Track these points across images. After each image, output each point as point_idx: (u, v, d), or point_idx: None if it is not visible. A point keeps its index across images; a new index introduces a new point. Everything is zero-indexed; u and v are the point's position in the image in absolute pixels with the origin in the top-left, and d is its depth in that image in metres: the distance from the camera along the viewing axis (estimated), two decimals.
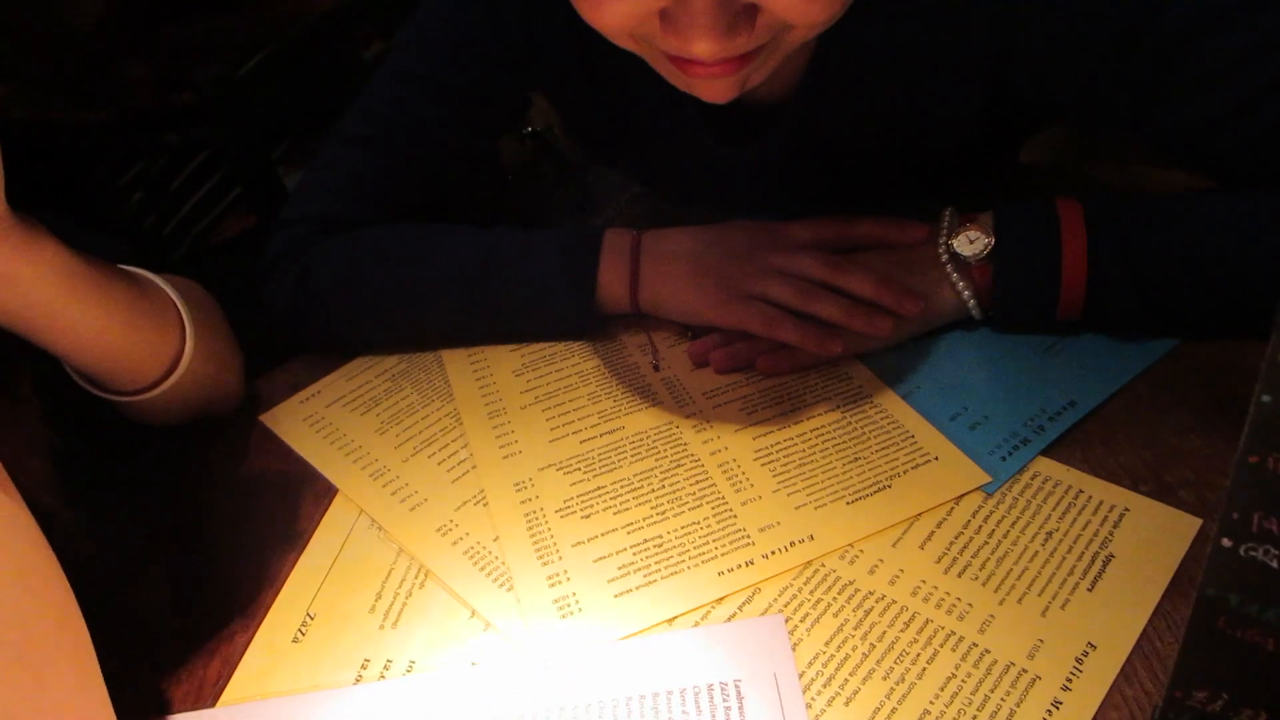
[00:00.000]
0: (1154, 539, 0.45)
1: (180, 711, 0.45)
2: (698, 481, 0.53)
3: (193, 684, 0.46)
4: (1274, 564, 0.25)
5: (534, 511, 0.53)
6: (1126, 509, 0.47)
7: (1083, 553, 0.45)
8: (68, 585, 0.38)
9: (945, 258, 0.57)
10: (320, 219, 0.66)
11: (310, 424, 0.62)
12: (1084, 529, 0.46)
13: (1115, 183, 0.71)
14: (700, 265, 0.61)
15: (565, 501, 0.53)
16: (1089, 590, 0.43)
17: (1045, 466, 0.50)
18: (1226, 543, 0.26)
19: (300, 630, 0.48)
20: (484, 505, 0.53)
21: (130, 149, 1.18)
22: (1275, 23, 0.48)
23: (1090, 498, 0.48)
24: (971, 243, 0.56)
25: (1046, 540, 0.46)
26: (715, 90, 0.49)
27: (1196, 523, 0.45)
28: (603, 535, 0.50)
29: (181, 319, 0.54)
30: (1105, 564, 0.44)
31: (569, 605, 0.46)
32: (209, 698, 0.45)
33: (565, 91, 0.70)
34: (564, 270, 0.62)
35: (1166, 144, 0.55)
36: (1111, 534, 0.46)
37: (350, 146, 0.67)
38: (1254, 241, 0.51)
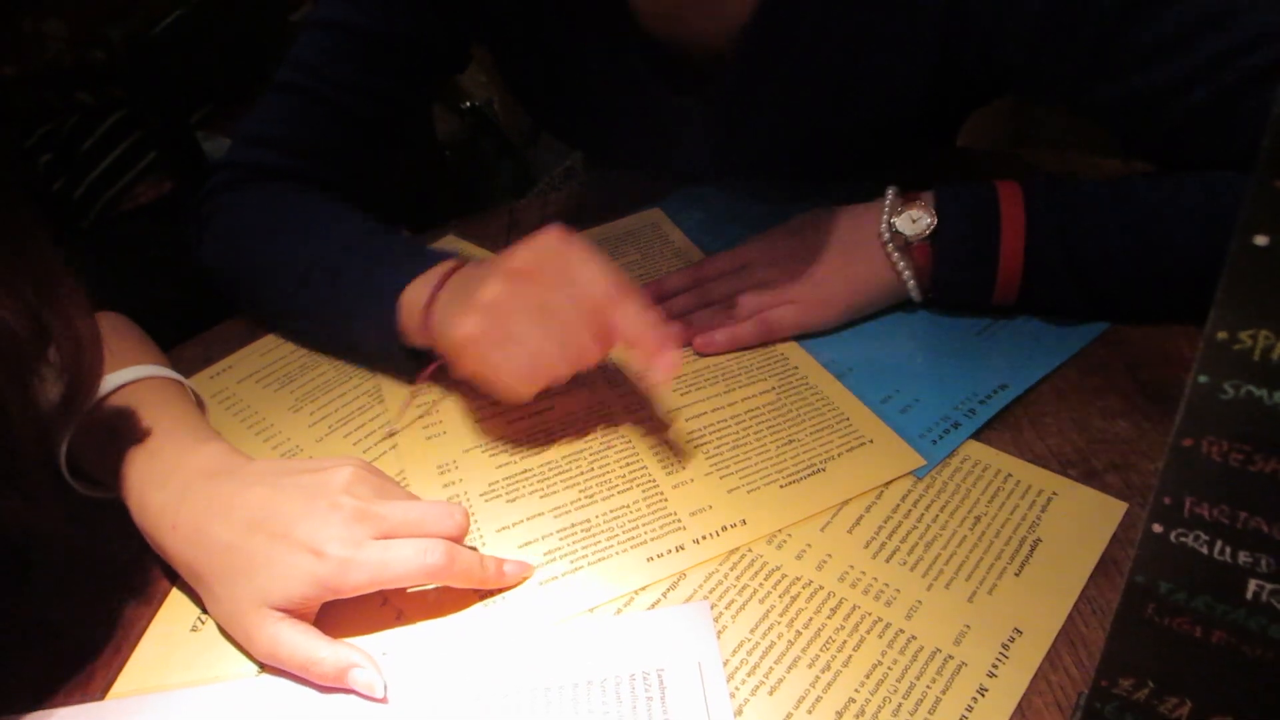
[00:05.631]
0: (1081, 523, 0.45)
1: (67, 704, 0.42)
2: (628, 464, 0.51)
3: (81, 675, 0.43)
4: (1204, 550, 0.24)
5: (457, 494, 0.50)
6: (1054, 493, 0.47)
7: (1010, 537, 0.45)
8: None
9: (887, 236, 0.56)
10: (241, 166, 0.64)
11: (219, 400, 0.59)
12: (1012, 513, 0.46)
13: (1051, 168, 0.71)
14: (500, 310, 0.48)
15: (490, 485, 0.51)
16: (1016, 575, 0.43)
17: (975, 450, 0.50)
18: (1157, 528, 0.25)
19: (199, 619, 0.45)
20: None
21: (39, 107, 1.11)
22: (1214, 2, 0.48)
23: (1019, 482, 0.47)
24: (914, 222, 0.55)
25: (975, 525, 0.45)
26: None
27: (1122, 507, 0.45)
28: (528, 520, 0.48)
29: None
30: (1033, 548, 0.44)
31: (490, 593, 0.44)
32: (98, 689, 0.42)
33: (506, 44, 0.67)
34: (376, 281, 0.54)
35: (1105, 118, 0.55)
36: (1039, 518, 0.45)
37: (276, 94, 0.64)
38: (1188, 226, 0.51)
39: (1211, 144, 0.51)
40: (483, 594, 0.44)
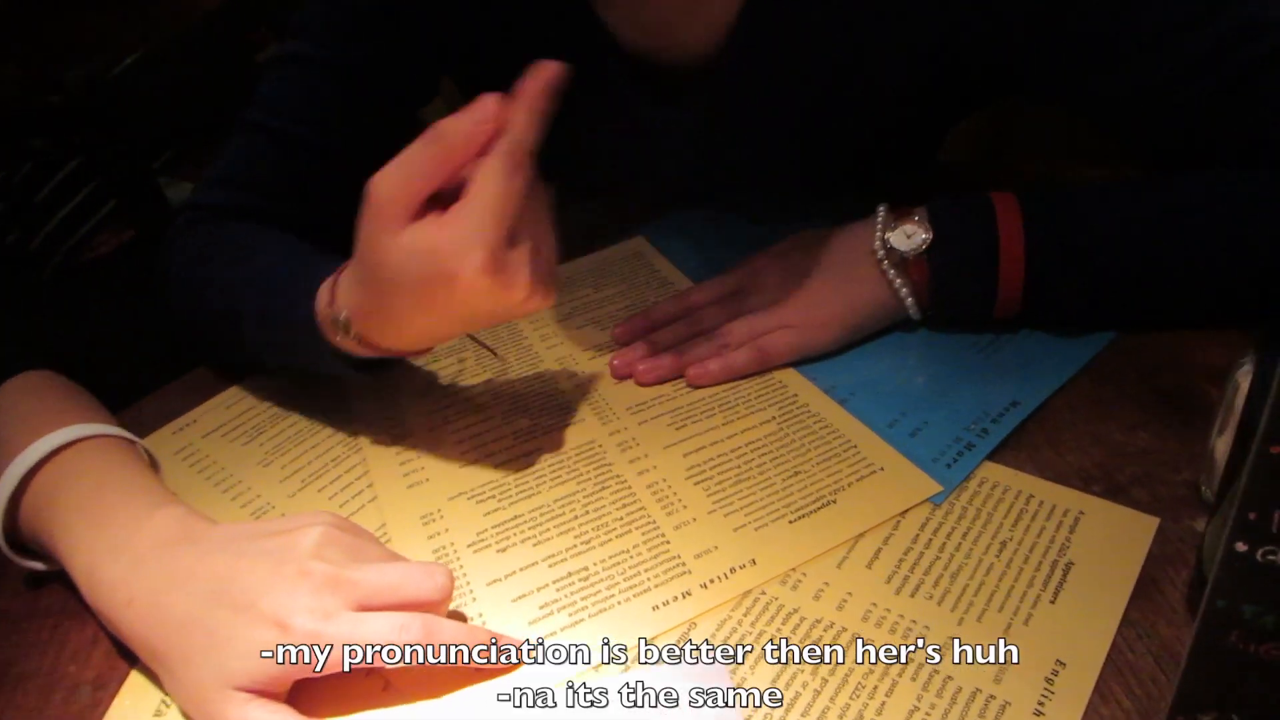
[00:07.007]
0: (1113, 542, 0.42)
1: None
2: (625, 505, 0.48)
3: None
4: None
5: (443, 546, 0.47)
6: (1081, 512, 0.44)
7: (1040, 562, 0.42)
8: None
9: (882, 253, 0.54)
10: (204, 207, 0.62)
11: (183, 458, 0.55)
12: (1039, 536, 0.43)
13: (1036, 176, 0.70)
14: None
15: (479, 534, 0.47)
16: (1051, 602, 0.40)
17: (993, 472, 0.47)
18: (1240, 547, 0.22)
19: (164, 702, 0.40)
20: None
21: None
22: None
23: (1043, 502, 0.45)
24: (909, 237, 0.53)
25: (1001, 551, 0.43)
26: None
27: (1154, 522, 0.43)
28: (521, 570, 0.45)
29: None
30: (1065, 572, 0.41)
31: (486, 654, 0.41)
32: None
33: (477, 72, 0.65)
34: (287, 295, 0.51)
35: (1106, 115, 0.54)
36: (1069, 539, 0.43)
37: (239, 133, 0.62)
38: (1189, 223, 0.50)
39: (1215, 135, 0.50)
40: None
